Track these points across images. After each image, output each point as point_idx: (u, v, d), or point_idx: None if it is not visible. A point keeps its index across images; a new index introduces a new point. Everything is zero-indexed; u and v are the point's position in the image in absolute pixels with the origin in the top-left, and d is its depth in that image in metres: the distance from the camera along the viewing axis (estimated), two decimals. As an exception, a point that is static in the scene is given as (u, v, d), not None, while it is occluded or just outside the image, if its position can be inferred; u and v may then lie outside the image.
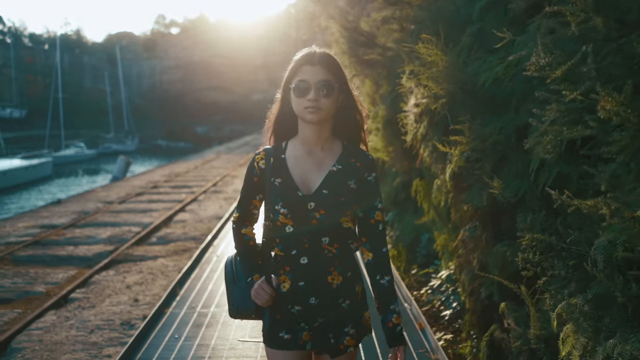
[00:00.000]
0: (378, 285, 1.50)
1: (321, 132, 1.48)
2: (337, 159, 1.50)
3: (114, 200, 11.09)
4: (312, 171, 1.49)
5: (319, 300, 1.47)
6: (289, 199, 1.45)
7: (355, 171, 1.49)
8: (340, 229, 1.47)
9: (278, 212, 1.46)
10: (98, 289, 5.21)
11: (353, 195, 1.48)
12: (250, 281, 1.52)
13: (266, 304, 1.48)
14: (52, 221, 8.87)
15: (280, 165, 1.49)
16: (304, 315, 1.48)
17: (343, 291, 1.49)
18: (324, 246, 1.46)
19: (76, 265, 6.18)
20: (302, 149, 1.51)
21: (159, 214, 9.25)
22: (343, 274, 1.49)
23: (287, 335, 1.49)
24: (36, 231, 8.12)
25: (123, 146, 41.21)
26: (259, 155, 1.53)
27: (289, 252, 1.47)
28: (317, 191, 1.46)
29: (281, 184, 1.47)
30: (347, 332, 1.51)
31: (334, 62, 1.47)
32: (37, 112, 48.65)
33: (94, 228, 8.18)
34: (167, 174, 15.74)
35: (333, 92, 1.43)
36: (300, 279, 1.47)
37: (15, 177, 21.23)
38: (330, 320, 1.49)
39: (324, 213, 1.44)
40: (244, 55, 55.08)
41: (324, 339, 1.51)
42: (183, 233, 7.78)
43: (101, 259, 6.36)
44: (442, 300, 4.03)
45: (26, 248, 6.94)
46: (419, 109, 3.08)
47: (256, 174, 1.52)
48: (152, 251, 6.74)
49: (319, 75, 1.42)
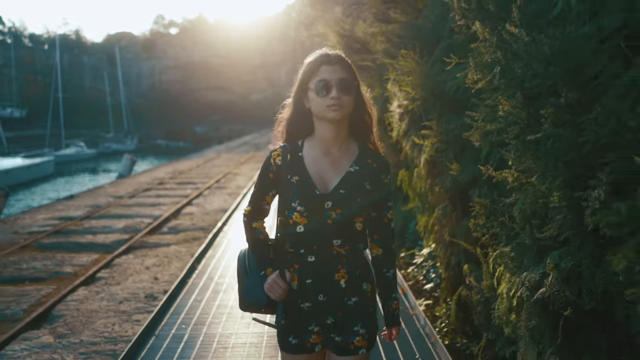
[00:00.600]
0: (384, 277, 1.58)
1: (339, 131, 1.50)
2: (354, 160, 1.52)
3: (123, 195, 11.72)
4: (329, 171, 1.50)
5: (327, 297, 1.50)
6: (306, 196, 1.47)
7: (372, 172, 1.52)
8: (353, 230, 1.49)
9: (294, 210, 1.48)
10: (120, 270, 5.84)
11: (369, 196, 1.50)
12: (263, 275, 1.53)
13: (280, 298, 1.50)
14: (68, 213, 9.50)
15: (298, 163, 1.51)
16: (314, 312, 1.51)
17: (350, 289, 1.51)
18: (334, 247, 1.48)
19: (97, 251, 6.80)
20: (319, 149, 1.52)
21: (167, 208, 9.88)
22: (351, 273, 1.51)
23: (294, 340, 1.52)
24: (55, 222, 8.74)
25: (123, 146, 41.50)
26: (275, 152, 1.54)
27: (298, 250, 1.50)
28: (334, 191, 1.48)
29: (299, 182, 1.48)
30: (356, 331, 1.52)
31: (348, 62, 1.51)
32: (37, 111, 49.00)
33: (109, 219, 8.81)
34: (172, 172, 16.39)
35: (352, 90, 1.47)
36: (307, 276, 1.49)
37: (18, 175, 21.69)
38: (338, 319, 1.52)
39: (339, 212, 1.46)
40: (242, 56, 55.35)
41: (334, 336, 1.53)
42: (192, 224, 8.41)
43: (119, 245, 6.98)
44: (424, 274, 4.67)
45: (49, 237, 7.56)
46: (401, 109, 3.71)
47: (272, 170, 1.53)
48: (165, 239, 7.36)
49: (339, 74, 1.45)
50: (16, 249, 6.82)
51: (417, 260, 4.85)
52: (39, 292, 5.13)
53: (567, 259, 1.81)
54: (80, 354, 3.77)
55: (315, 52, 1.53)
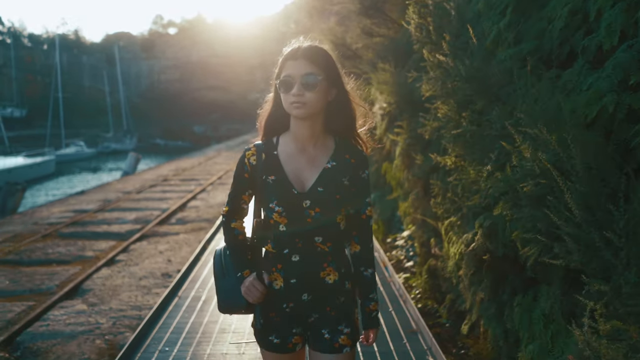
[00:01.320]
0: (362, 276, 1.54)
1: (313, 128, 1.46)
2: (331, 156, 1.48)
3: (131, 191, 12.42)
4: (306, 168, 1.46)
5: (312, 296, 1.47)
6: (284, 196, 1.43)
7: (350, 168, 1.48)
8: (336, 228, 1.46)
9: (272, 210, 1.44)
10: (137, 254, 6.54)
11: (347, 192, 1.46)
12: (240, 276, 1.50)
13: (257, 301, 1.47)
14: (82, 207, 10.19)
15: (273, 162, 1.47)
16: (297, 311, 1.48)
17: (339, 287, 1.49)
18: (317, 244, 1.45)
19: (113, 238, 7.49)
20: (295, 146, 1.48)
21: (173, 202, 10.57)
22: (338, 270, 1.48)
23: (276, 340, 1.50)
24: (71, 214, 9.43)
25: (122, 145, 41.91)
26: (249, 151, 1.50)
27: (281, 250, 1.46)
28: (311, 189, 1.44)
29: (275, 182, 1.45)
30: (341, 330, 1.50)
31: (320, 54, 1.43)
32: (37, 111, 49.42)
33: (121, 212, 9.50)
34: (175, 169, 17.10)
35: (317, 86, 1.39)
36: (292, 276, 1.46)
37: (20, 174, 22.03)
38: (325, 316, 1.50)
39: (319, 211, 1.43)
40: (241, 55, 55.74)
41: (318, 335, 1.50)
42: (197, 216, 9.10)
43: (133, 234, 7.67)
44: (404, 254, 5.38)
45: (68, 227, 8.25)
46: (382, 111, 4.43)
47: (247, 170, 1.49)
48: (174, 229, 8.06)
49: (302, 69, 1.39)
50: (39, 237, 7.51)
51: (398, 242, 5.56)
52: (67, 272, 5.83)
53: (487, 220, 2.52)
54: (111, 317, 4.47)
55: (292, 43, 1.47)
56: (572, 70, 2.46)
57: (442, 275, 3.96)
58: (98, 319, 4.43)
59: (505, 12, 2.99)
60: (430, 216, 4.00)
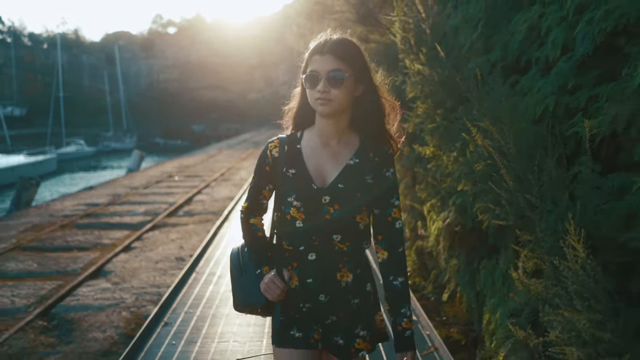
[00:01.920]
0: (391, 286, 1.44)
1: (338, 124, 1.42)
2: (354, 153, 1.44)
3: (138, 186, 12.95)
4: (328, 164, 1.43)
5: (329, 297, 1.43)
6: (303, 191, 1.41)
7: (373, 166, 1.43)
8: (354, 227, 1.42)
9: (290, 205, 1.42)
10: (150, 241, 7.08)
11: (370, 191, 1.42)
12: (259, 274, 1.47)
13: (277, 298, 1.43)
14: (93, 201, 10.73)
15: (295, 155, 1.44)
16: (315, 313, 1.44)
17: (353, 289, 1.45)
18: (335, 243, 1.41)
19: (126, 228, 8.03)
20: (319, 141, 1.45)
21: (180, 196, 11.11)
22: (353, 271, 1.44)
23: (299, 334, 1.44)
24: (84, 207, 9.97)
25: (122, 144, 42.27)
26: (272, 144, 1.48)
27: (297, 247, 1.43)
28: (332, 185, 1.41)
29: (295, 175, 1.42)
30: (357, 334, 1.45)
31: (349, 49, 1.39)
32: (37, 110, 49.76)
33: (130, 205, 10.04)
34: (178, 166, 17.65)
35: (343, 82, 1.36)
36: (308, 276, 1.43)
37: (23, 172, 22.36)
38: (340, 320, 1.45)
39: (337, 208, 1.39)
40: (240, 55, 55.97)
41: (332, 341, 1.46)
42: (204, 209, 9.64)
43: (144, 224, 8.20)
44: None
45: (82, 218, 8.78)
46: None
47: (268, 162, 1.46)
48: (182, 220, 8.60)
49: (329, 65, 1.35)
50: (58, 227, 8.04)
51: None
52: (88, 257, 6.37)
53: (458, 198, 3.07)
54: (134, 293, 5.01)
55: (319, 36, 1.43)
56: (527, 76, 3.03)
57: (427, 253, 4.51)
58: (122, 295, 4.97)
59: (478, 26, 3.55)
60: (417, 202, 4.55)
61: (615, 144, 2.25)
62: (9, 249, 6.72)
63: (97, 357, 3.78)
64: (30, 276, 5.63)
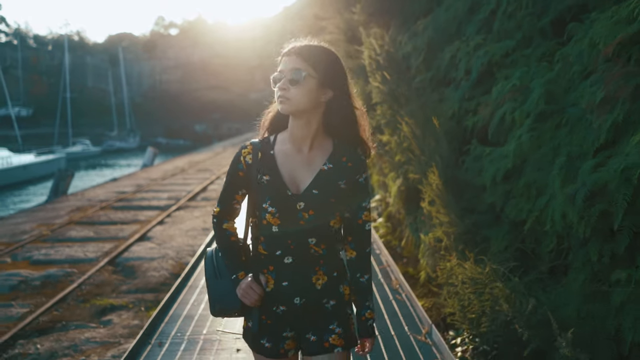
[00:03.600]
0: (358, 282, 1.51)
1: (308, 128, 1.43)
2: (327, 158, 1.45)
3: (157, 178, 14.57)
4: (302, 170, 1.44)
5: (304, 300, 1.45)
6: (278, 197, 1.41)
7: (346, 171, 1.45)
8: (328, 230, 1.45)
9: (265, 211, 1.42)
10: (178, 218, 8.67)
11: (343, 196, 1.44)
12: (235, 279, 1.47)
13: (255, 303, 1.44)
14: (121, 189, 12.34)
15: (269, 162, 1.44)
16: (289, 316, 1.46)
17: (327, 291, 1.47)
18: (311, 246, 1.43)
19: (156, 209, 9.62)
20: (291, 146, 1.46)
21: (195, 186, 12.71)
22: (329, 274, 1.47)
23: (268, 344, 1.47)
24: (114, 195, 11.57)
25: (126, 144, 43.34)
26: (245, 150, 1.47)
27: (273, 251, 1.44)
28: (306, 191, 1.42)
29: (269, 182, 1.42)
30: (332, 329, 1.47)
31: (315, 53, 1.39)
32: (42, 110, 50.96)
33: (154, 192, 11.64)
34: (188, 162, 19.29)
35: (301, 81, 1.36)
36: (284, 279, 1.44)
37: (34, 171, 23.57)
38: (312, 321, 1.48)
39: (312, 214, 1.41)
40: (241, 56, 56.89)
41: (304, 339, 1.49)
42: (218, 195, 11.23)
43: (170, 206, 9.80)
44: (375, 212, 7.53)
45: (116, 202, 10.38)
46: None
47: (242, 168, 1.46)
48: (201, 204, 10.20)
49: (291, 65, 1.38)
50: (98, 209, 9.64)
51: (372, 204, 7.70)
52: (130, 228, 7.97)
53: (401, 169, 4.66)
54: (174, 250, 6.60)
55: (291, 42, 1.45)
56: (449, 89, 4.64)
57: (393, 217, 6.11)
58: (165, 251, 6.57)
59: (421, 53, 5.16)
60: (382, 176, 6.15)
61: (485, 130, 3.84)
62: (65, 223, 8.32)
63: (157, 286, 5.36)
64: (91, 240, 7.23)
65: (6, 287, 5.29)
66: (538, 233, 2.88)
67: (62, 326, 4.32)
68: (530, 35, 3.87)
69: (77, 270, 5.83)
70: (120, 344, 3.94)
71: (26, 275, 5.65)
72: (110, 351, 3.80)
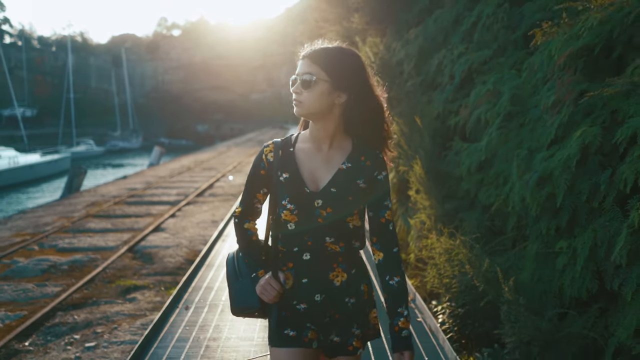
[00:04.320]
0: (387, 286, 1.47)
1: (326, 129, 1.46)
2: (346, 157, 1.47)
3: (165, 176, 15.16)
4: (321, 168, 1.47)
5: (324, 297, 1.46)
6: (296, 194, 1.44)
7: (365, 170, 1.46)
8: (346, 228, 1.45)
9: (284, 207, 1.45)
10: (188, 212, 9.25)
11: (362, 195, 1.46)
12: (254, 277, 1.50)
13: (273, 300, 1.46)
14: (131, 186, 12.92)
15: (289, 159, 1.48)
16: (310, 313, 1.47)
17: (348, 289, 1.48)
18: (328, 244, 1.45)
19: (166, 204, 10.20)
20: (312, 145, 1.49)
21: (202, 183, 13.29)
22: (347, 271, 1.48)
23: (292, 332, 1.46)
24: (126, 191, 12.16)
25: (129, 144, 43.75)
26: (267, 148, 1.51)
27: (291, 248, 1.47)
28: (324, 189, 1.44)
29: (288, 179, 1.46)
30: (354, 333, 1.49)
31: (327, 57, 1.41)
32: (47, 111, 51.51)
33: (164, 189, 12.22)
34: (194, 161, 19.87)
35: (312, 85, 1.40)
36: (303, 275, 1.46)
37: (40, 170, 24.01)
38: (336, 320, 1.48)
39: (330, 212, 1.43)
40: (243, 57, 57.28)
41: (329, 339, 1.49)
42: (224, 192, 11.81)
43: (180, 201, 10.38)
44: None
45: (129, 198, 10.96)
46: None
47: (264, 166, 1.49)
48: (209, 200, 10.77)
49: (304, 68, 1.42)
50: (112, 203, 10.22)
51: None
52: (144, 221, 8.54)
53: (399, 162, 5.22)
54: (187, 239, 7.17)
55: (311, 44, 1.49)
56: (436, 92, 5.20)
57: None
58: (179, 240, 7.14)
59: (412, 60, 5.72)
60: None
61: (465, 128, 4.40)
62: (83, 216, 8.91)
63: (174, 270, 5.94)
64: (109, 231, 7.81)
65: (38, 271, 5.87)
66: (503, 214, 3.45)
67: (93, 302, 4.90)
68: (504, 46, 4.44)
69: (100, 257, 6.41)
70: (146, 315, 4.51)
71: (55, 260, 6.23)
72: (138, 321, 4.37)
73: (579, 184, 2.78)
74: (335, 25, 7.95)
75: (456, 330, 3.36)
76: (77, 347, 3.89)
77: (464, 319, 3.30)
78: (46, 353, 3.81)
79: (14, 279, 5.61)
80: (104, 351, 3.79)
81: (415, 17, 6.27)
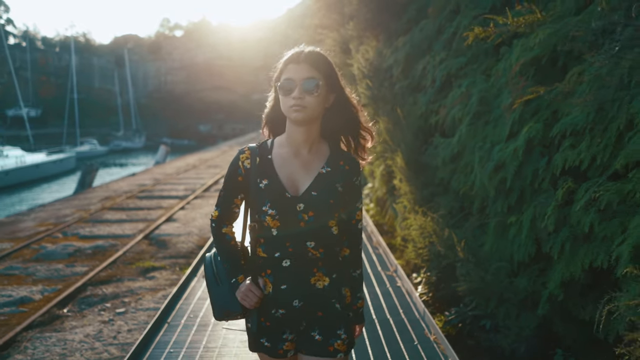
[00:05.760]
0: (351, 277, 1.59)
1: (308, 133, 1.47)
2: (325, 161, 1.49)
3: (171, 173, 15.86)
4: (300, 172, 1.48)
5: (303, 302, 1.47)
6: (277, 200, 1.44)
7: (344, 174, 1.49)
8: (328, 233, 1.47)
9: (265, 213, 1.44)
10: (197, 205, 9.93)
11: (340, 198, 1.48)
12: (234, 282, 1.51)
13: (254, 306, 1.48)
14: (141, 182, 13.61)
15: (267, 166, 1.48)
16: (288, 319, 1.49)
17: (331, 292, 1.50)
18: (309, 249, 1.46)
19: (175, 199, 10.88)
20: (289, 150, 1.49)
21: (208, 179, 13.97)
22: (328, 275, 1.49)
23: (267, 343, 1.51)
24: (136, 187, 12.84)
25: (132, 144, 44.37)
26: (243, 155, 1.51)
27: (272, 254, 1.47)
28: (305, 193, 1.46)
29: (267, 186, 1.45)
30: (339, 335, 1.51)
31: (322, 59, 1.45)
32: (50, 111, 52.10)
33: (172, 185, 12.91)
34: (199, 159, 20.59)
35: (318, 90, 1.42)
36: (282, 282, 1.47)
37: (46, 169, 24.67)
38: (317, 320, 1.50)
39: (312, 215, 1.45)
40: (244, 57, 57.74)
41: (308, 337, 1.51)
42: (228, 187, 12.50)
43: (188, 196, 11.05)
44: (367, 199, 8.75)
45: (140, 193, 11.64)
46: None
47: (240, 173, 1.49)
48: (215, 194, 11.44)
49: (304, 73, 1.41)
50: (124, 198, 10.90)
51: (365, 192, 8.93)
52: (156, 213, 9.22)
53: (383, 157, 5.88)
54: (197, 228, 7.85)
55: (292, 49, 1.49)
56: (420, 94, 5.86)
57: (380, 199, 7.33)
58: (190, 229, 7.82)
59: (400, 65, 6.38)
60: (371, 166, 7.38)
61: (443, 127, 5.04)
62: (99, 209, 9.59)
63: (187, 254, 6.61)
64: (125, 221, 8.49)
65: (65, 254, 6.54)
66: (470, 197, 4.11)
67: (118, 279, 5.57)
68: (477, 54, 5.10)
69: (120, 243, 7.09)
70: (165, 289, 5.18)
71: (79, 245, 6.91)
72: (159, 293, 5.04)
73: (524, 170, 3.44)
74: (333, 32, 8.63)
75: (431, 295, 4.03)
76: (109, 312, 4.56)
77: (437, 285, 3.97)
78: (83, 317, 4.48)
79: (44, 261, 6.29)
80: (132, 315, 4.46)
81: (404, 27, 6.93)
